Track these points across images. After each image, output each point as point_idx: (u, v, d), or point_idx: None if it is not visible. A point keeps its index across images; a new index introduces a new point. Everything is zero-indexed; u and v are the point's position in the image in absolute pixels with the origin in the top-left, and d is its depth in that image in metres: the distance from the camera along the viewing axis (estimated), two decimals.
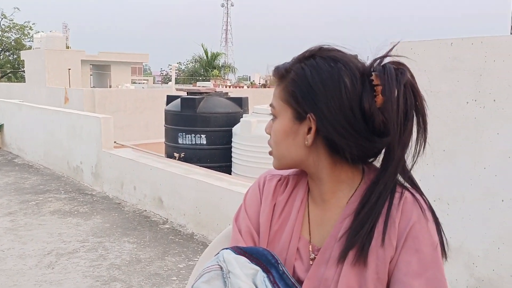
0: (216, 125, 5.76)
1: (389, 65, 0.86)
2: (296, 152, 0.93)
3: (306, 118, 0.89)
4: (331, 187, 0.94)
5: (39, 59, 13.99)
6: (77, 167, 6.51)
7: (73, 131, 6.57)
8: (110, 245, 4.06)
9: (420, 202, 0.89)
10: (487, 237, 2.26)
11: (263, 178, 1.08)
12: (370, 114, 0.85)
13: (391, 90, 0.83)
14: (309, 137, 0.89)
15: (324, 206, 0.96)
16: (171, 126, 6.10)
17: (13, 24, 27.32)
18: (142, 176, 5.17)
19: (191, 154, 5.79)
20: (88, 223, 4.66)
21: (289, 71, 0.92)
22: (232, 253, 0.92)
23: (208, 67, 33.24)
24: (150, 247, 4.04)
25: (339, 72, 0.87)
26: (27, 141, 8.09)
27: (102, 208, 5.20)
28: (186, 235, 4.35)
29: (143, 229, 4.50)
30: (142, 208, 5.15)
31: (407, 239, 0.86)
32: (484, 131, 2.26)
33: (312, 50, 0.92)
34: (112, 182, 5.72)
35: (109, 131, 5.92)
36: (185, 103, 5.84)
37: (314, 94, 0.87)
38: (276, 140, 0.95)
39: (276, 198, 1.03)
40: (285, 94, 0.92)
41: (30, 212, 5.01)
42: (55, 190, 5.97)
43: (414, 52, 2.50)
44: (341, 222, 0.91)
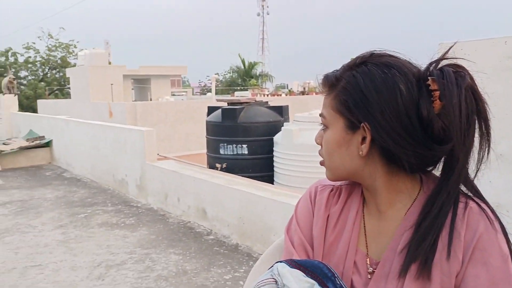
0: (257, 134, 5.76)
1: (447, 69, 0.82)
2: (351, 163, 0.90)
3: (360, 128, 0.85)
4: (388, 198, 0.90)
5: (83, 75, 14.53)
6: (122, 179, 6.66)
7: (117, 144, 6.74)
8: (156, 257, 4.10)
9: (487, 212, 0.84)
10: None
11: (314, 189, 1.05)
12: (429, 121, 0.80)
13: (451, 94, 0.79)
14: (363, 147, 0.86)
15: (381, 218, 0.92)
16: (212, 137, 6.15)
17: (59, 43, 28.57)
18: (186, 187, 5.22)
19: (233, 164, 5.80)
20: (134, 235, 4.74)
21: (339, 79, 0.89)
22: (287, 266, 0.89)
23: (245, 77, 33.50)
24: (195, 258, 4.05)
25: (393, 78, 0.83)
26: (75, 156, 8.38)
27: (147, 220, 5.28)
28: (231, 246, 4.34)
29: (188, 241, 4.53)
30: (186, 220, 5.20)
31: (474, 251, 0.81)
32: None
33: (363, 57, 0.89)
34: (156, 194, 5.81)
35: (152, 144, 6.03)
36: (226, 114, 5.87)
37: (368, 102, 0.83)
38: (329, 151, 0.92)
39: (330, 209, 1.00)
40: (337, 103, 0.89)
41: (80, 224, 5.15)
42: (102, 203, 6.13)
43: (465, 53, 2.39)
44: (401, 234, 0.87)
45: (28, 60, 28.10)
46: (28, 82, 27.59)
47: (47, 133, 9.66)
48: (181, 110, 11.69)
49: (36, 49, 28.22)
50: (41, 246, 4.45)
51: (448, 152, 0.82)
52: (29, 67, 28.26)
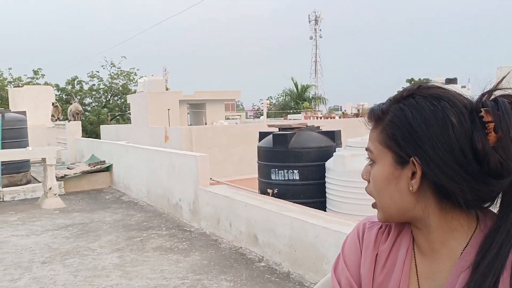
0: (308, 160, 5.70)
1: (502, 99, 0.78)
2: (401, 200, 0.85)
3: (409, 162, 0.82)
4: (441, 236, 0.85)
5: (142, 101, 15.19)
6: (176, 204, 6.81)
7: (172, 169, 6.92)
8: (208, 283, 4.12)
9: None
10: None
11: (362, 226, 1.01)
12: (484, 154, 0.76)
13: (508, 126, 0.75)
14: (413, 182, 0.82)
15: (434, 257, 0.87)
16: (263, 162, 6.16)
17: (121, 71, 30.20)
18: (237, 212, 5.24)
19: (284, 190, 5.77)
20: (187, 260, 4.79)
21: (386, 112, 0.86)
22: None
23: (298, 100, 33.58)
24: (246, 285, 4.03)
25: (443, 110, 0.79)
26: (132, 180, 8.69)
27: (200, 245, 5.33)
28: (282, 274, 4.28)
29: (240, 267, 4.52)
30: (238, 245, 5.20)
31: None
32: None
33: (410, 89, 0.86)
34: (209, 219, 5.87)
35: (206, 169, 6.14)
36: (277, 139, 5.88)
37: (417, 136, 0.80)
38: (377, 188, 0.88)
39: (378, 247, 0.95)
40: (384, 137, 0.86)
41: (136, 248, 5.29)
42: (157, 227, 6.28)
43: None
44: (457, 275, 0.81)
45: (92, 87, 29.85)
46: (92, 108, 29.22)
47: (107, 157, 10.12)
48: (235, 134, 11.88)
49: (99, 77, 30.01)
50: (98, 269, 4.61)
51: (507, 187, 0.78)
52: (93, 94, 29.99)
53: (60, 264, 4.78)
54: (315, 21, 53.33)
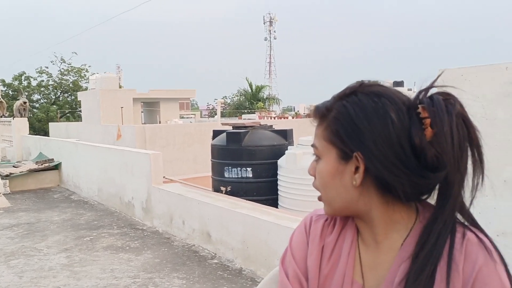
0: (261, 158, 5.76)
1: (437, 96, 0.82)
2: (346, 194, 0.88)
3: (353, 157, 0.85)
4: (383, 229, 0.89)
5: (94, 99, 14.75)
6: (128, 202, 6.68)
7: (125, 167, 6.78)
8: (160, 281, 4.08)
9: (485, 243, 0.82)
10: None
11: (309, 219, 1.03)
12: (421, 149, 0.80)
13: (442, 122, 0.79)
14: (357, 176, 0.85)
15: (377, 248, 0.91)
16: (217, 160, 6.16)
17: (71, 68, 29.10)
18: (191, 210, 5.22)
19: (237, 187, 5.80)
20: (139, 259, 4.72)
21: (330, 109, 0.89)
22: None
23: (253, 100, 33.73)
24: (199, 283, 4.02)
25: (384, 107, 0.83)
26: (83, 178, 8.43)
27: (152, 243, 5.26)
28: (235, 271, 4.30)
29: (192, 264, 4.50)
30: (191, 243, 5.17)
31: (474, 285, 0.78)
32: None
33: (352, 87, 0.89)
34: (162, 217, 5.81)
35: (159, 167, 6.06)
36: (230, 137, 5.90)
37: (360, 132, 0.83)
38: (323, 183, 0.91)
39: (324, 239, 0.98)
40: (328, 134, 0.89)
41: (85, 248, 5.15)
42: (108, 226, 6.14)
43: (465, 79, 2.40)
44: (398, 266, 0.85)
45: (40, 84, 28.61)
46: (40, 105, 28.01)
47: (56, 155, 9.76)
48: (189, 133, 11.77)
49: (48, 73, 28.77)
50: (45, 269, 4.45)
51: (443, 180, 0.82)
52: (42, 91, 28.75)
53: (4, 265, 4.58)
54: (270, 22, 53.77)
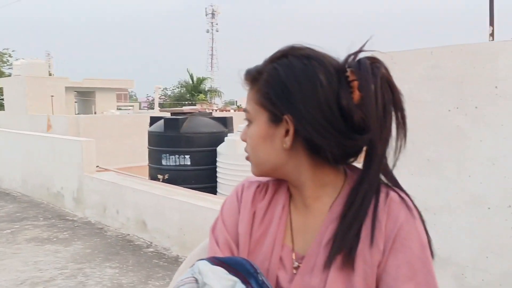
0: (200, 145, 5.69)
1: (364, 60, 0.83)
2: (276, 157, 0.88)
3: (283, 120, 0.84)
4: (314, 192, 0.90)
5: (20, 86, 13.82)
6: (57, 192, 6.35)
7: (53, 156, 6.43)
8: (90, 271, 3.91)
9: (407, 201, 0.85)
10: (474, 246, 2.21)
11: (241, 186, 1.03)
12: (349, 111, 0.81)
13: (368, 85, 0.80)
14: (287, 139, 0.85)
15: (307, 212, 0.91)
16: (154, 147, 6.01)
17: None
18: (125, 199, 5.05)
19: (175, 175, 5.69)
20: (68, 250, 4.50)
21: (261, 72, 0.88)
22: (209, 264, 0.85)
23: (194, 92, 33.34)
24: (133, 271, 3.90)
25: (313, 69, 0.83)
26: (4, 168, 7.89)
27: (83, 234, 5.04)
28: (171, 258, 4.22)
29: (126, 254, 4.36)
30: (125, 232, 5.01)
31: (395, 241, 0.82)
32: (468, 139, 2.23)
33: (283, 50, 0.89)
34: (94, 207, 5.58)
35: (91, 155, 5.81)
36: (168, 124, 5.78)
37: (290, 94, 0.83)
38: (253, 146, 0.90)
39: (256, 205, 0.97)
40: (259, 97, 0.88)
41: (4, 241, 4.82)
42: (33, 218, 5.79)
43: (395, 62, 2.48)
44: (326, 227, 0.87)
45: None
46: None
47: None
48: (127, 124, 11.38)
49: None
50: None
51: (368, 142, 0.83)
52: None
53: None
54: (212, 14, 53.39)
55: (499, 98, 2.11)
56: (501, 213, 2.11)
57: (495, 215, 2.13)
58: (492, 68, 2.13)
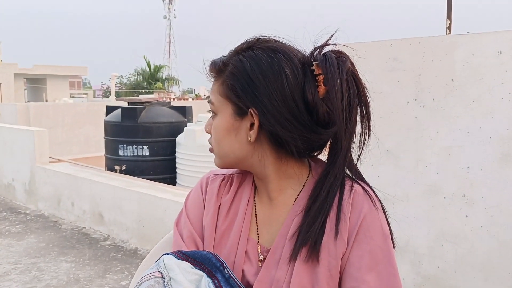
0: (159, 135, 5.58)
1: (330, 53, 0.83)
2: (240, 150, 0.88)
3: (248, 113, 0.84)
4: (278, 185, 0.90)
5: None
6: (8, 184, 6.07)
7: (3, 146, 6.13)
8: (45, 266, 3.77)
9: (370, 193, 0.87)
10: (431, 234, 2.29)
11: (206, 179, 1.01)
12: (314, 105, 0.81)
13: (334, 79, 0.80)
14: (252, 133, 0.85)
15: (272, 205, 0.92)
16: (111, 137, 5.84)
17: None
18: (81, 191, 4.89)
19: (133, 166, 5.56)
20: (20, 244, 4.32)
21: (226, 64, 0.87)
22: (174, 258, 0.84)
23: (151, 80, 32.64)
24: (90, 265, 3.80)
25: (279, 62, 0.82)
26: None
27: (36, 227, 4.85)
28: (129, 251, 4.14)
29: (82, 247, 4.24)
30: (81, 225, 4.86)
31: (358, 232, 0.83)
32: (425, 130, 2.30)
33: (249, 42, 0.88)
34: (48, 199, 5.37)
35: (44, 145, 5.57)
36: (125, 113, 5.62)
37: (255, 87, 0.82)
38: (218, 138, 0.90)
39: (221, 198, 0.97)
40: (224, 89, 0.87)
41: None
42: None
43: (356, 54, 2.51)
44: (291, 219, 0.87)
45: None
46: None
47: None
48: (81, 113, 11.00)
49: None
50: None
51: (333, 136, 0.84)
52: None
53: None
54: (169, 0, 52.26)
55: (455, 90, 2.18)
56: (456, 202, 2.20)
57: (450, 204, 2.21)
58: (449, 61, 2.20)
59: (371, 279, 0.81)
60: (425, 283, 2.32)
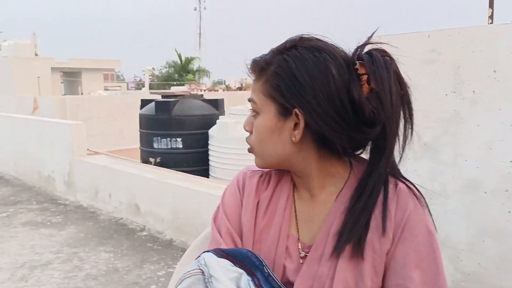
0: (192, 128, 5.65)
1: (376, 53, 0.83)
2: (283, 150, 0.88)
3: (292, 113, 0.84)
4: (320, 182, 0.91)
5: (7, 67, 13.55)
6: (49, 176, 6.29)
7: (43, 139, 6.35)
8: (85, 255, 3.91)
9: (415, 191, 0.87)
10: (471, 230, 2.24)
11: (243, 175, 1.02)
12: (360, 104, 0.81)
13: (382, 78, 0.80)
14: (296, 133, 0.85)
15: (313, 202, 0.92)
16: (145, 130, 5.96)
17: None
18: (117, 183, 5.02)
19: (167, 158, 5.66)
20: (61, 234, 4.48)
21: (270, 63, 0.87)
22: (214, 256, 0.86)
23: (182, 72, 32.97)
24: (127, 255, 3.91)
25: (325, 62, 0.82)
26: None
27: (76, 218, 5.02)
28: (165, 242, 4.23)
29: (120, 238, 4.36)
30: (118, 216, 5.00)
31: (404, 229, 0.83)
32: (464, 123, 2.24)
33: (293, 41, 0.87)
34: (86, 191, 5.54)
35: (81, 138, 5.74)
36: (159, 106, 5.71)
37: (301, 87, 0.82)
38: (261, 138, 0.89)
39: (259, 195, 0.97)
40: (268, 88, 0.86)
41: (1, 224, 4.79)
42: (26, 201, 5.75)
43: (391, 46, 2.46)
44: (333, 216, 0.88)
45: None
46: None
47: None
48: (115, 105, 11.23)
49: None
50: None
51: (378, 135, 0.84)
52: None
53: None
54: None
55: (497, 82, 2.11)
56: (498, 197, 2.14)
57: (492, 200, 2.15)
58: (491, 51, 2.12)
59: (416, 276, 0.81)
60: (465, 279, 2.28)
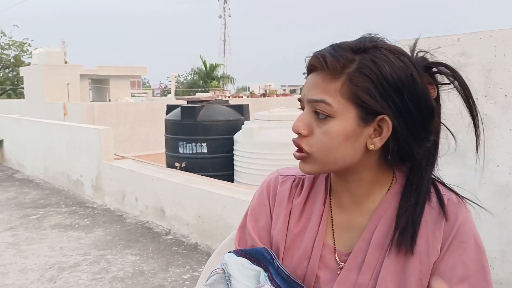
0: (217, 133, 5.69)
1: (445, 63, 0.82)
2: (352, 157, 0.80)
3: (375, 119, 0.77)
4: (367, 189, 0.86)
5: (38, 75, 13.97)
6: (77, 180, 6.43)
7: (72, 144, 6.50)
8: (112, 258, 3.97)
9: (464, 203, 0.83)
10: (503, 237, 2.18)
11: (274, 181, 0.98)
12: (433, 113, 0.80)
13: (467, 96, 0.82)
14: (377, 140, 0.79)
15: (354, 210, 0.87)
16: (171, 135, 6.03)
17: (12, 41, 27.33)
18: (144, 187, 5.09)
19: (192, 163, 5.71)
20: (89, 236, 4.57)
21: (352, 61, 0.77)
22: (233, 256, 0.90)
23: (207, 79, 33.27)
24: (153, 258, 3.95)
25: (410, 67, 0.77)
26: (27, 156, 8.03)
27: (103, 221, 5.11)
28: (190, 246, 4.26)
29: (146, 241, 4.41)
30: (144, 220, 5.07)
31: (452, 242, 0.79)
32: (496, 128, 2.19)
33: (372, 40, 0.79)
34: (113, 194, 5.64)
35: (109, 143, 5.86)
36: (185, 112, 5.78)
37: (392, 91, 0.76)
38: (330, 144, 0.79)
39: (292, 201, 0.93)
40: (353, 90, 0.77)
41: (31, 226, 4.92)
42: (55, 204, 5.89)
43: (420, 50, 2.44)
44: (374, 225, 0.84)
45: None
46: None
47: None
48: (141, 111, 11.43)
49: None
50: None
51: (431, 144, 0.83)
52: None
53: None
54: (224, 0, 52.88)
55: None
56: None
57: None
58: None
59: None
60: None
